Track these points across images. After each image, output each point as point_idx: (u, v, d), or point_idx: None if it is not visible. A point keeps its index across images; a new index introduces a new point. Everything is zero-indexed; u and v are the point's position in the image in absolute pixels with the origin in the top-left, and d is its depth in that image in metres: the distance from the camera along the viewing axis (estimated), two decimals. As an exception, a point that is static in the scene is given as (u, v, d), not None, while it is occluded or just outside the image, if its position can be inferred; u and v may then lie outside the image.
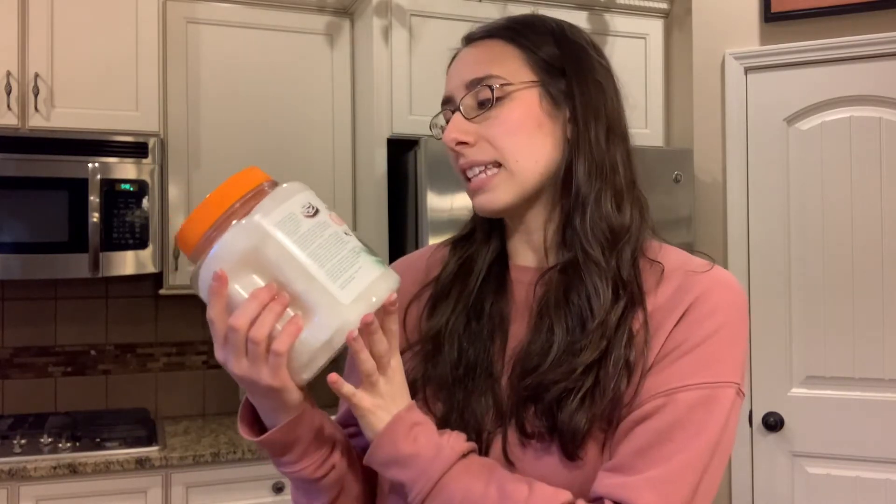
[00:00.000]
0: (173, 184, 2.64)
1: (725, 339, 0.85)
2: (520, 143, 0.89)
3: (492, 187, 0.90)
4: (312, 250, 0.78)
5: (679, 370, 0.82)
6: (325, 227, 0.81)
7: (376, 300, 0.79)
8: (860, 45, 2.43)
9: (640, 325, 0.86)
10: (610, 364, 0.83)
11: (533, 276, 0.94)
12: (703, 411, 0.81)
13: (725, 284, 0.88)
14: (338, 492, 0.93)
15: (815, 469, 2.46)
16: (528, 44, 0.92)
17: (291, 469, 0.88)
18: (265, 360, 0.77)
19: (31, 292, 2.80)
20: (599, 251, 0.88)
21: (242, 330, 0.77)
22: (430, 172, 2.33)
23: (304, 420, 0.85)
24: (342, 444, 0.93)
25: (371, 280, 0.80)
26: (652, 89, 2.82)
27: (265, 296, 0.77)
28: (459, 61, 0.96)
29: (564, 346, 0.85)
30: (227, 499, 2.43)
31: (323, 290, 0.77)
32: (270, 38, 2.73)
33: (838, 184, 2.45)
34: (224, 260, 0.78)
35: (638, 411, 0.82)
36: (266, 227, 0.78)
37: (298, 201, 0.81)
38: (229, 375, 0.81)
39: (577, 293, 0.87)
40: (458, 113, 0.91)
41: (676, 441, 0.79)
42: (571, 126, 0.91)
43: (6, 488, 2.24)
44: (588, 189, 0.90)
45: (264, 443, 0.86)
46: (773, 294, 2.52)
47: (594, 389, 0.83)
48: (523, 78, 0.91)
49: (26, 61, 2.49)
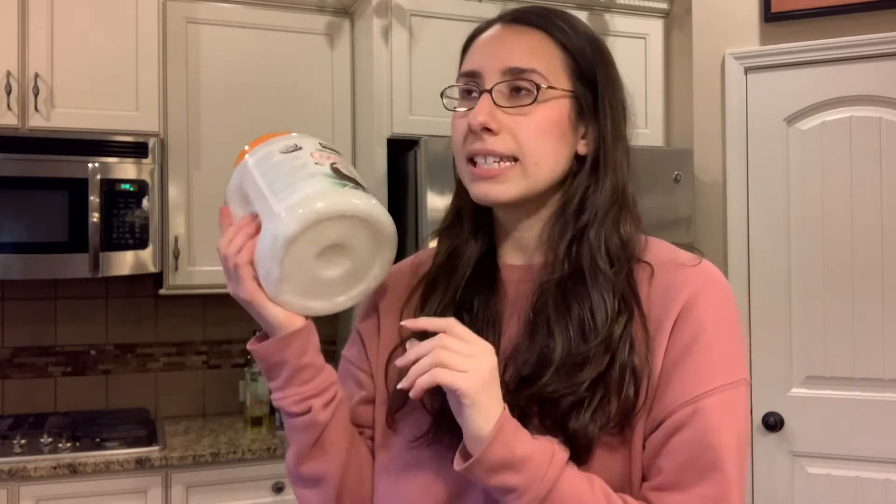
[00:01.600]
0: (173, 184, 2.64)
1: (730, 336, 0.88)
2: (544, 147, 0.90)
3: (504, 179, 0.89)
4: (271, 176, 0.88)
5: (698, 375, 0.84)
6: (295, 160, 0.89)
7: (305, 210, 0.84)
8: (860, 45, 2.43)
9: (638, 327, 0.86)
10: (616, 373, 0.84)
11: (522, 274, 0.95)
12: (730, 413, 0.84)
13: (716, 280, 0.91)
14: (313, 439, 0.92)
15: (815, 469, 2.46)
16: (571, 49, 0.92)
17: (277, 397, 0.92)
18: (235, 272, 0.88)
19: (31, 292, 2.80)
20: (608, 265, 0.89)
21: (222, 250, 0.89)
22: (430, 172, 2.33)
23: (293, 343, 0.89)
24: (332, 397, 0.93)
25: (307, 194, 0.85)
26: (652, 89, 2.82)
27: (242, 222, 0.89)
28: (496, 40, 0.93)
29: (566, 356, 0.85)
30: (227, 499, 2.43)
31: (266, 205, 0.86)
32: (270, 38, 2.73)
33: (838, 184, 2.45)
34: (228, 195, 0.93)
35: (668, 422, 0.84)
36: (248, 164, 0.91)
37: (284, 143, 0.92)
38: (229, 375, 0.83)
39: (579, 302, 0.87)
40: (489, 97, 0.90)
41: (715, 448, 0.82)
42: (593, 143, 0.93)
43: (6, 488, 2.24)
44: (608, 207, 0.91)
45: (255, 352, 0.91)
46: (773, 294, 2.52)
47: (603, 399, 0.84)
48: (562, 84, 0.91)
49: (26, 61, 2.49)
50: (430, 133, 2.39)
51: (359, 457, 0.98)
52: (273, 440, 2.54)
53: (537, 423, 0.85)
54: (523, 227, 0.95)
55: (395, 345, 0.97)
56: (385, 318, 1.01)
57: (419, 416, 0.92)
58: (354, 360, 1.04)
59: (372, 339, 1.02)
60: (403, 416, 0.95)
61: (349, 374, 1.03)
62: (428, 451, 0.92)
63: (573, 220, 0.92)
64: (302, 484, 0.97)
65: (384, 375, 0.98)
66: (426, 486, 0.92)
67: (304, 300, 0.89)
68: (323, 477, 0.95)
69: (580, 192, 0.92)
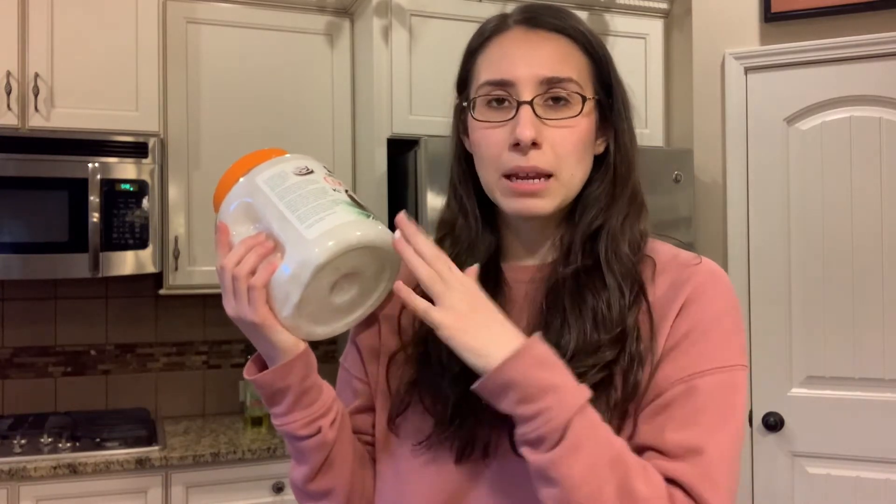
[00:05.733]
0: (173, 184, 2.64)
1: (729, 325, 0.88)
2: (577, 158, 0.90)
3: (545, 195, 0.89)
4: (291, 199, 0.87)
5: (693, 357, 0.85)
6: (310, 183, 0.89)
7: (339, 240, 0.84)
8: (860, 45, 2.43)
9: (643, 317, 0.87)
10: (626, 360, 0.85)
11: (532, 273, 0.94)
12: (722, 395, 0.84)
13: (719, 275, 0.91)
14: (323, 458, 0.92)
15: (815, 469, 2.46)
16: (593, 54, 0.92)
17: (282, 422, 0.91)
18: (247, 295, 0.84)
19: (31, 292, 2.80)
20: (628, 258, 0.90)
21: (229, 269, 0.85)
22: (430, 172, 2.33)
23: (295, 369, 0.88)
24: (336, 414, 0.93)
25: (338, 224, 0.85)
26: (652, 89, 2.82)
27: (252, 241, 0.86)
28: (526, 46, 0.90)
29: (581, 345, 0.86)
30: (227, 499, 2.43)
31: (292, 229, 0.85)
32: (270, 38, 2.73)
33: (838, 184, 2.45)
34: (227, 213, 0.90)
35: (660, 399, 0.84)
36: (258, 182, 0.89)
37: (294, 164, 0.91)
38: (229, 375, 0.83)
39: (595, 293, 0.88)
40: (530, 109, 0.87)
41: (702, 425, 0.82)
42: (612, 145, 0.93)
43: (6, 488, 2.24)
44: (628, 206, 0.93)
45: (257, 382, 0.90)
46: (773, 294, 2.52)
47: (612, 385, 0.84)
48: (591, 92, 0.91)
49: (26, 61, 2.49)
50: (430, 133, 2.39)
51: (363, 465, 0.98)
52: (273, 440, 2.54)
53: None
54: (537, 229, 0.95)
55: (396, 349, 0.97)
56: (385, 323, 1.01)
57: (421, 420, 0.92)
58: (351, 368, 1.04)
59: (369, 346, 1.02)
60: (405, 420, 0.94)
61: (346, 383, 1.04)
62: (430, 455, 0.92)
63: (591, 218, 0.92)
64: (310, 499, 0.97)
65: (385, 379, 0.97)
66: (430, 489, 0.92)
67: (312, 325, 0.90)
68: (333, 489, 0.95)
69: (602, 193, 0.93)
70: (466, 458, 0.89)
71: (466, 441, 0.89)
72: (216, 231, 0.89)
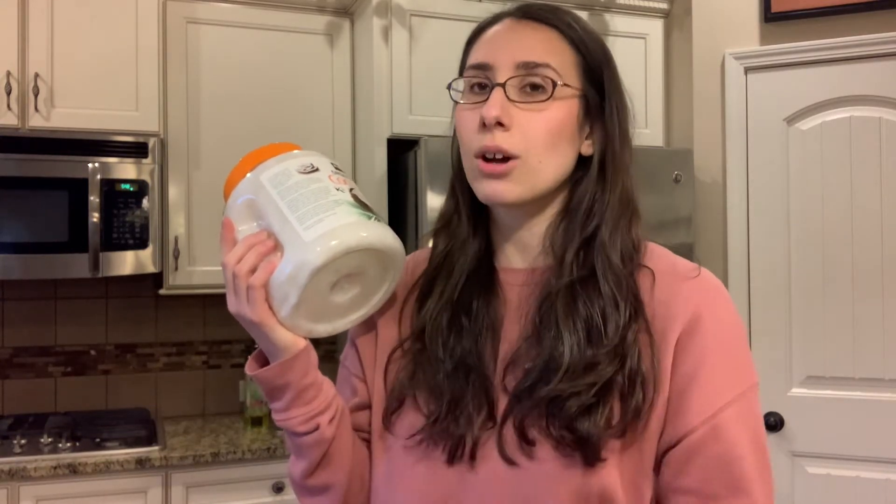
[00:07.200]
0: (173, 184, 2.64)
1: (738, 344, 0.89)
2: (550, 145, 0.88)
3: (510, 178, 0.88)
4: (292, 198, 0.87)
5: (713, 389, 0.85)
6: (313, 182, 0.88)
7: (336, 243, 0.84)
8: (860, 45, 2.43)
9: (643, 332, 0.86)
10: (626, 377, 0.84)
11: (524, 278, 0.94)
12: (746, 421, 0.86)
13: (718, 291, 0.91)
14: (321, 454, 0.93)
15: (815, 469, 2.46)
16: (581, 48, 0.92)
17: (281, 418, 0.92)
18: (247, 294, 0.85)
19: (31, 292, 2.80)
20: (621, 268, 0.89)
21: (230, 267, 0.86)
22: (430, 172, 2.33)
23: (294, 366, 0.89)
24: (335, 411, 0.93)
25: (337, 225, 0.85)
26: (652, 89, 2.82)
27: (253, 239, 0.87)
28: (507, 34, 0.92)
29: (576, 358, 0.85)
30: (227, 499, 2.43)
31: (292, 230, 0.85)
32: (270, 38, 2.73)
33: (838, 184, 2.45)
34: (232, 209, 0.91)
35: (690, 440, 0.84)
36: (262, 180, 0.89)
37: (299, 162, 0.90)
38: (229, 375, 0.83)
39: (589, 305, 0.87)
40: (501, 91, 0.88)
41: (741, 457, 0.84)
42: (600, 145, 0.92)
43: (6, 488, 2.24)
44: (620, 211, 0.91)
45: (257, 378, 0.90)
46: (773, 294, 2.52)
47: (610, 403, 0.84)
48: (574, 82, 0.90)
49: (26, 61, 2.49)
50: (430, 133, 2.39)
51: (361, 460, 0.98)
52: (273, 440, 2.54)
53: (544, 425, 0.85)
54: (526, 229, 0.94)
55: (394, 346, 0.97)
56: (382, 319, 1.01)
57: (415, 417, 0.92)
58: (349, 366, 1.04)
59: (366, 344, 1.02)
60: (399, 416, 0.95)
61: (346, 381, 1.04)
62: (422, 454, 0.92)
63: (582, 224, 0.91)
64: (308, 493, 0.97)
65: (383, 376, 0.98)
66: (423, 486, 0.92)
67: (312, 324, 0.90)
68: (331, 485, 0.95)
69: (589, 196, 0.91)
70: (459, 461, 0.89)
71: (458, 442, 0.89)
72: (222, 226, 0.90)
